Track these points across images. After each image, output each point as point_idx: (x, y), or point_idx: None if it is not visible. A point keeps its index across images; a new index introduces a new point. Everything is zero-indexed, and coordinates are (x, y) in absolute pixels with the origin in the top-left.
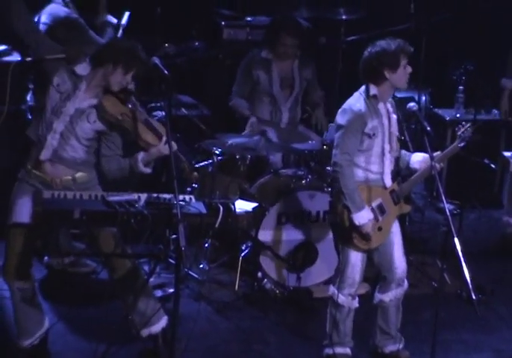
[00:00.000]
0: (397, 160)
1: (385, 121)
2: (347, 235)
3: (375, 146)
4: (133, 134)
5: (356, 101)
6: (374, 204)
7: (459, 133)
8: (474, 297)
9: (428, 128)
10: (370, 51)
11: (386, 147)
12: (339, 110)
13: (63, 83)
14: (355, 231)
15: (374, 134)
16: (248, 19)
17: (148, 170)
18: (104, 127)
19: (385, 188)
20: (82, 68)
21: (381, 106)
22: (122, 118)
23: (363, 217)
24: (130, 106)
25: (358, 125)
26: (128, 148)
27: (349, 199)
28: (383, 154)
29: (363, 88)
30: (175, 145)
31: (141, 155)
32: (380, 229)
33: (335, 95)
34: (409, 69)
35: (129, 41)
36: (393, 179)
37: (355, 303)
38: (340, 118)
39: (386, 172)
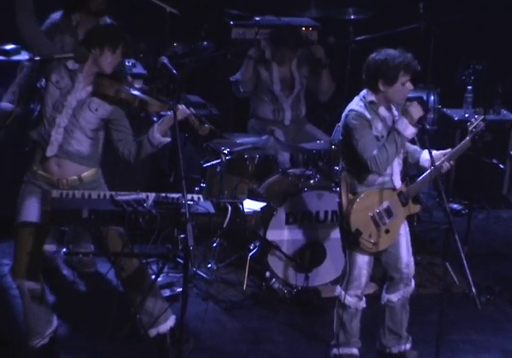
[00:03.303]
0: (405, 161)
1: (389, 123)
2: (354, 238)
3: None
4: (137, 103)
5: (356, 106)
6: (381, 208)
7: (470, 128)
8: (474, 290)
9: (428, 127)
10: (374, 58)
11: None
12: (343, 115)
13: (62, 79)
14: (362, 235)
15: (382, 137)
16: (257, 18)
17: (167, 139)
18: (107, 113)
19: (394, 190)
20: (71, 64)
21: (381, 109)
22: (120, 90)
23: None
24: (125, 80)
25: (366, 125)
26: (136, 131)
27: (396, 145)
28: None
29: (362, 92)
30: (185, 109)
31: (155, 126)
32: (387, 231)
33: (344, 95)
34: (410, 87)
35: (104, 24)
36: (402, 180)
37: (362, 304)
38: (347, 122)
39: (395, 173)
